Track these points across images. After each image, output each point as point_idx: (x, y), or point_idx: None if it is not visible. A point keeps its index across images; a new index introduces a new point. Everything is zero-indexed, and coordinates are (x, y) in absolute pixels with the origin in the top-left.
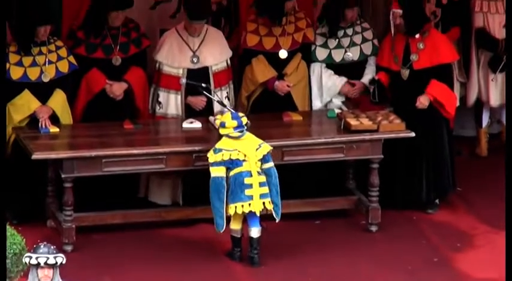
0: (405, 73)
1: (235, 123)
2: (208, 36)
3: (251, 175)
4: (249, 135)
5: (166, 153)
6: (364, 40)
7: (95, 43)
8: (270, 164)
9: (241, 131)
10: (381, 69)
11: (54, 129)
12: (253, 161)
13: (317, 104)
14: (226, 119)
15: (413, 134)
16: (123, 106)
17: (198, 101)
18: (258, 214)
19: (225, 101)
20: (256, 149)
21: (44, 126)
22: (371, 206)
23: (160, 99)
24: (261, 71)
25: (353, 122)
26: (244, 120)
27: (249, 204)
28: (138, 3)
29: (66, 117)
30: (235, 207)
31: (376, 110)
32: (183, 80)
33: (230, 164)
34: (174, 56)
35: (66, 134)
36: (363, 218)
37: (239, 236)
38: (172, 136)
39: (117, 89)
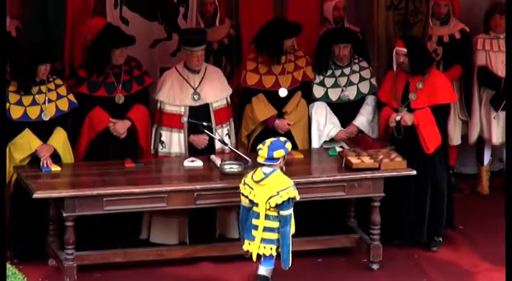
0: (403, 111)
1: (266, 154)
2: (208, 73)
3: (259, 217)
4: (274, 178)
5: (168, 191)
6: (362, 79)
7: (98, 81)
8: (285, 212)
9: (270, 167)
10: (383, 104)
11: (55, 168)
12: (263, 208)
13: (314, 143)
14: (264, 146)
15: (414, 172)
16: (126, 144)
17: (200, 140)
18: (254, 258)
19: (226, 139)
20: (271, 197)
21: (45, 165)
22: (372, 244)
23: (163, 138)
24: (261, 109)
25: (354, 160)
26: (278, 154)
27: (252, 243)
28: (138, 41)
29: (67, 156)
30: (244, 242)
31: (377, 148)
32: (184, 119)
33: (252, 202)
34: (175, 95)
35: (67, 172)
36: (365, 256)
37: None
38: (173, 175)
39: (120, 127)
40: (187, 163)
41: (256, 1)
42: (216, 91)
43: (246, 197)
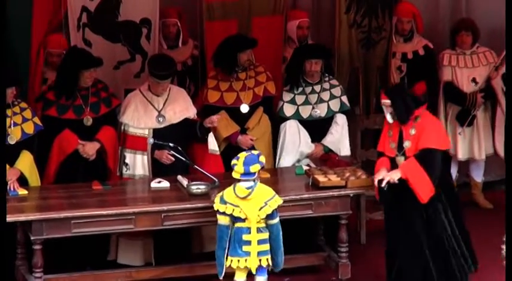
0: (400, 160)
1: (242, 170)
2: (172, 94)
3: (250, 232)
4: (258, 190)
5: (135, 213)
6: (332, 97)
7: (66, 104)
8: (274, 220)
9: (249, 181)
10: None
11: (22, 192)
12: (254, 221)
13: (287, 161)
14: (238, 162)
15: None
16: (95, 166)
17: (164, 155)
18: (253, 271)
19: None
20: (261, 208)
21: (12, 188)
22: (341, 262)
23: (127, 160)
24: (223, 126)
25: (321, 178)
26: (254, 168)
27: (245, 260)
28: None
29: (34, 179)
30: (231, 261)
31: (343, 166)
32: (151, 140)
33: (233, 218)
34: (139, 117)
35: (34, 196)
36: (333, 274)
37: None
38: (140, 196)
39: (90, 149)
40: (154, 184)
41: (221, 21)
42: (181, 112)
43: (229, 215)
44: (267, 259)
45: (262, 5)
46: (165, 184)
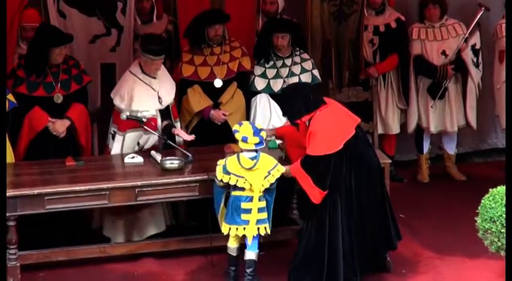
0: None
1: (257, 139)
2: (160, 75)
3: (251, 200)
4: (262, 160)
5: (109, 188)
6: (303, 70)
7: (36, 81)
8: (273, 186)
9: (252, 152)
10: None
11: None
12: (258, 191)
13: None
14: (248, 134)
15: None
16: (66, 143)
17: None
18: (249, 240)
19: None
20: (265, 177)
21: None
22: None
23: (140, 141)
24: (196, 100)
25: None
26: (264, 134)
27: (244, 228)
28: (77, 37)
29: (8, 156)
30: (229, 229)
31: None
32: (124, 116)
33: (234, 187)
34: (147, 103)
35: (8, 172)
36: None
37: (234, 254)
38: (114, 172)
39: (60, 127)
40: (128, 160)
41: None
42: (169, 90)
43: (232, 185)
44: (265, 228)
45: None
46: (139, 159)
